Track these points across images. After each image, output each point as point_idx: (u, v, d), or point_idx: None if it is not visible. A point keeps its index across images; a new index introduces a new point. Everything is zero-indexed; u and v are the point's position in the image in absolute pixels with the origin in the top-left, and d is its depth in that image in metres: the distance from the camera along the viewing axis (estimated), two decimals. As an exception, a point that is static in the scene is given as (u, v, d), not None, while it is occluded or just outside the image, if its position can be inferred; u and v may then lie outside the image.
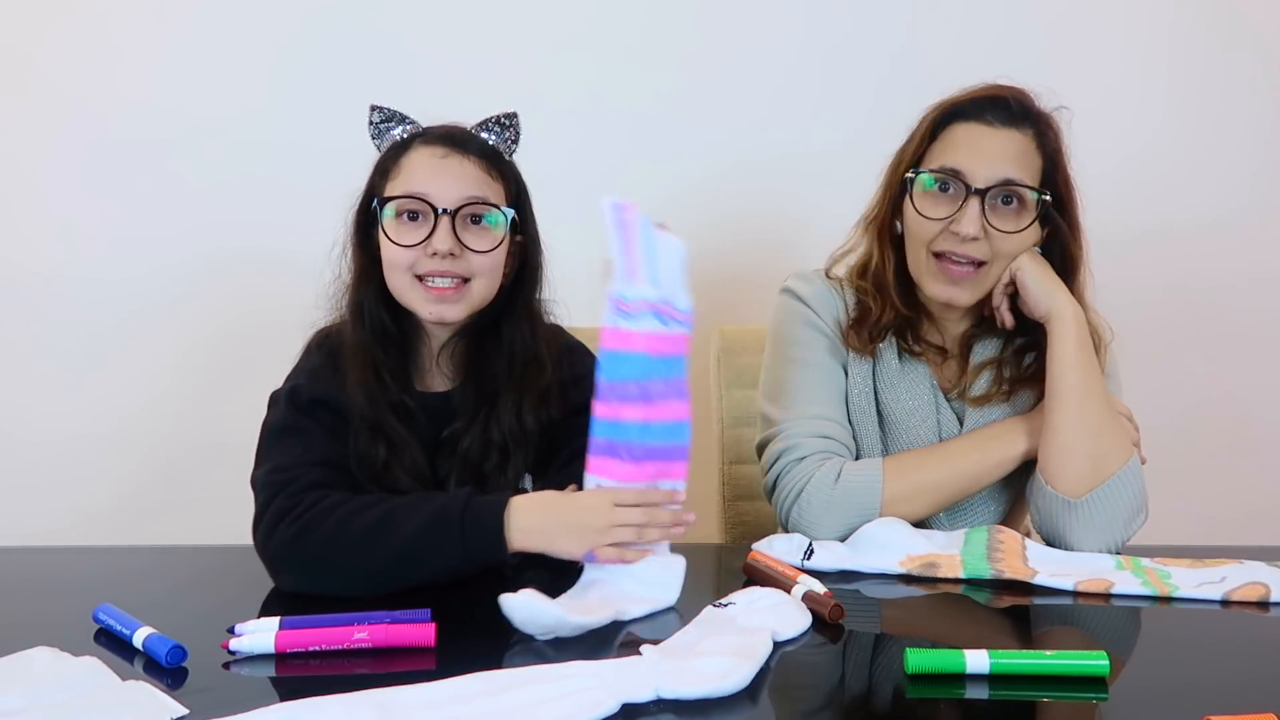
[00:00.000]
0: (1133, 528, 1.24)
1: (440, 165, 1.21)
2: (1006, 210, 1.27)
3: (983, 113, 1.28)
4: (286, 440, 1.18)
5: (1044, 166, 1.29)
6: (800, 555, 1.17)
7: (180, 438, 2.02)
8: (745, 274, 2.01)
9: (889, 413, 1.36)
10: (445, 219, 1.19)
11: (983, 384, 1.35)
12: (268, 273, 1.98)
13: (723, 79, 2.01)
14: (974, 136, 1.27)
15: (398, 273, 1.21)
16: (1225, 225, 2.08)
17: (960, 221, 1.24)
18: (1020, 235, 1.27)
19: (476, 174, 1.22)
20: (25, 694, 0.83)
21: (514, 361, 1.25)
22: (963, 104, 1.29)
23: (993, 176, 1.25)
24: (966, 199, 1.24)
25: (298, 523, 1.09)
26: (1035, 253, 1.30)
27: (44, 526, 1.94)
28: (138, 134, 1.99)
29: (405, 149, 1.23)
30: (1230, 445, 2.11)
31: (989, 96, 1.29)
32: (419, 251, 1.19)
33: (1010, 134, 1.27)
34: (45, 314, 2.02)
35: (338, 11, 1.98)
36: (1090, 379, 1.25)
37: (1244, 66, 2.05)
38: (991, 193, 1.25)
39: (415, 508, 1.09)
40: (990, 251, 1.27)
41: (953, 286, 1.29)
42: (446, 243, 1.18)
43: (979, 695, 0.86)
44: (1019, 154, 1.26)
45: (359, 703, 0.80)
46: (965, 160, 1.26)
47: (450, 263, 1.19)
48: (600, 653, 0.92)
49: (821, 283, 1.40)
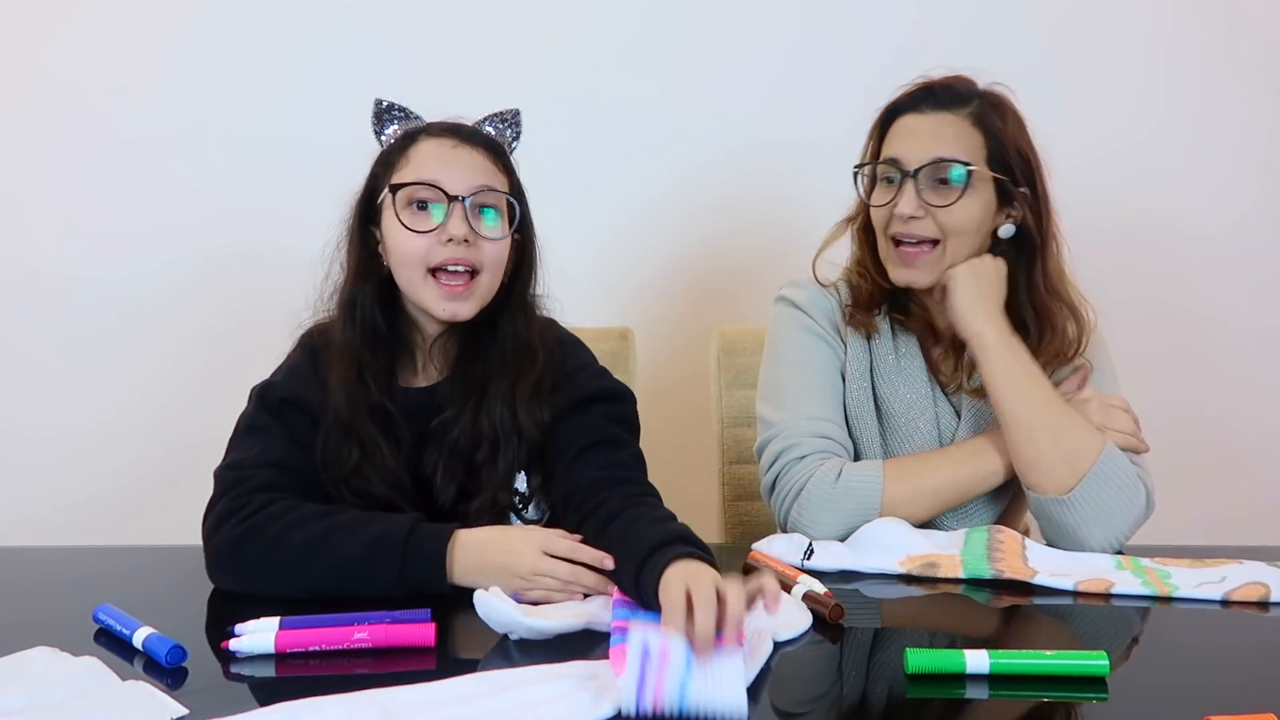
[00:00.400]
0: (1133, 513, 1.24)
1: (451, 154, 1.21)
2: (944, 188, 1.30)
3: (917, 104, 1.34)
4: (249, 437, 1.20)
5: (987, 144, 1.31)
6: (800, 555, 1.18)
7: (180, 434, 2.02)
8: (745, 274, 2.01)
9: (887, 407, 1.37)
10: (458, 204, 1.18)
11: (977, 375, 1.36)
12: (268, 269, 1.98)
13: (721, 79, 2.01)
14: (909, 126, 1.34)
15: (409, 267, 1.20)
16: (1225, 224, 2.08)
17: (899, 203, 1.30)
18: (956, 208, 1.29)
19: (484, 164, 1.23)
20: (25, 694, 0.83)
21: (505, 351, 1.24)
22: (901, 100, 1.36)
23: (924, 157, 1.30)
24: (903, 182, 1.30)
25: (241, 525, 1.10)
26: (977, 264, 1.31)
27: (41, 522, 1.95)
28: (137, 132, 1.99)
29: (412, 141, 1.23)
30: (1230, 445, 2.11)
31: (921, 88, 1.35)
32: (433, 240, 1.19)
33: (941, 116, 1.32)
34: (44, 310, 2.03)
35: (337, 10, 1.99)
36: (1030, 390, 1.26)
37: (1244, 66, 2.05)
38: (924, 172, 1.29)
39: (357, 529, 1.09)
40: (937, 228, 1.30)
41: (909, 269, 1.33)
42: (463, 228, 1.18)
43: (979, 695, 0.86)
44: (952, 134, 1.31)
45: (359, 703, 0.80)
46: (900, 148, 1.32)
47: (464, 250, 1.19)
48: (600, 653, 0.92)
49: (814, 288, 1.43)
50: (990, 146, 1.31)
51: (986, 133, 1.31)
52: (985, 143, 1.31)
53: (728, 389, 1.70)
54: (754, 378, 1.45)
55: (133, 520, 1.97)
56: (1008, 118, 1.33)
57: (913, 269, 1.33)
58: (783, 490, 1.29)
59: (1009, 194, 1.32)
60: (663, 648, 0.84)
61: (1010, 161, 1.32)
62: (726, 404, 1.70)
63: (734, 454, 1.69)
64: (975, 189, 1.30)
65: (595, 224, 2.02)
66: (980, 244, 1.34)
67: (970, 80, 1.35)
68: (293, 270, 1.25)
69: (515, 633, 0.96)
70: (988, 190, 1.31)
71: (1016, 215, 1.33)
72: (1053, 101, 1.97)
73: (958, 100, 1.32)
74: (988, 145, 1.31)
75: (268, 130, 2.00)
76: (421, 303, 1.21)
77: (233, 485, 1.14)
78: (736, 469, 1.69)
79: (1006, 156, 1.31)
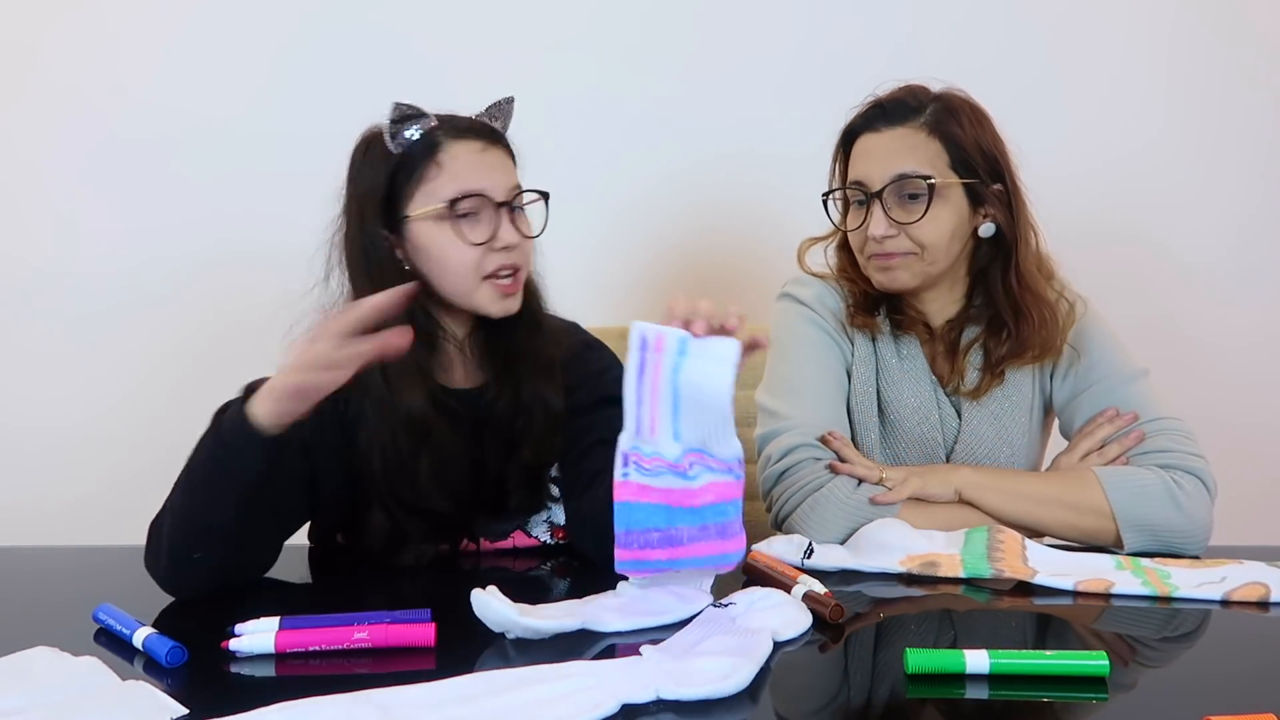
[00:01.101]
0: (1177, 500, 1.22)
1: (483, 159, 1.21)
2: (911, 203, 1.30)
3: (871, 123, 1.34)
4: None
5: (947, 149, 1.31)
6: (800, 555, 1.18)
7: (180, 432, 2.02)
8: (745, 274, 2.01)
9: (890, 409, 1.37)
10: (505, 210, 1.19)
11: (973, 376, 1.36)
12: (267, 268, 1.97)
13: (722, 79, 2.02)
14: (867, 146, 1.34)
15: (461, 277, 1.19)
16: (1226, 225, 2.08)
17: (870, 226, 1.30)
18: (925, 222, 1.29)
19: (509, 163, 1.24)
20: (25, 694, 0.83)
21: (540, 339, 1.26)
22: (855, 121, 1.36)
23: (885, 176, 1.30)
24: (869, 204, 1.30)
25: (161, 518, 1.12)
26: (910, 479, 1.27)
27: (39, 520, 1.95)
28: (137, 131, 2.00)
29: (437, 146, 1.19)
30: (1230, 445, 2.11)
31: (871, 106, 1.35)
32: (484, 249, 1.19)
33: (895, 132, 1.32)
34: (43, 307, 2.03)
35: (337, 9, 1.99)
36: (1017, 496, 1.26)
37: (1247, 72, 2.05)
38: (888, 190, 1.29)
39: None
40: (912, 244, 1.30)
41: (889, 272, 1.33)
42: (513, 234, 1.19)
43: (979, 695, 0.86)
44: (908, 148, 1.31)
45: (359, 703, 0.80)
46: (863, 169, 1.33)
47: (514, 254, 1.20)
48: (600, 653, 0.92)
49: (820, 285, 1.42)
50: (951, 152, 1.30)
51: (944, 139, 1.30)
52: (944, 149, 1.30)
53: (728, 389, 1.70)
54: (754, 378, 1.45)
55: (135, 520, 1.96)
56: (964, 119, 1.32)
57: (893, 272, 1.32)
58: (792, 488, 1.28)
59: (980, 195, 1.32)
60: (658, 335, 0.96)
61: (973, 163, 1.31)
62: (726, 404, 1.70)
63: (734, 454, 1.69)
64: (943, 198, 1.29)
65: (596, 223, 2.02)
66: (961, 248, 1.34)
67: (922, 88, 1.34)
68: (292, 268, 1.25)
69: (512, 632, 0.96)
70: (957, 195, 1.31)
71: (993, 213, 1.33)
72: (1053, 108, 1.98)
73: (909, 112, 1.32)
74: (948, 151, 1.30)
75: (267, 129, 2.00)
76: (476, 306, 1.21)
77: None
78: (736, 469, 1.69)
79: (969, 158, 1.31)
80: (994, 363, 1.35)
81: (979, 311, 1.38)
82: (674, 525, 0.99)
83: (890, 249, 1.30)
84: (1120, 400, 1.33)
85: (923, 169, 1.29)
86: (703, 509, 1.00)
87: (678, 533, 1.00)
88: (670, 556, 1.00)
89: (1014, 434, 1.37)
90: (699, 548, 1.00)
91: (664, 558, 1.00)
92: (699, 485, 1.00)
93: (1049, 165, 1.36)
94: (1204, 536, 1.24)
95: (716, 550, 1.01)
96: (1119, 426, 1.31)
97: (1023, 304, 1.33)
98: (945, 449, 1.37)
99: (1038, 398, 1.40)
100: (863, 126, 1.34)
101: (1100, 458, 1.30)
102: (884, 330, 1.39)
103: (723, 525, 1.01)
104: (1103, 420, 1.32)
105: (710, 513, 1.00)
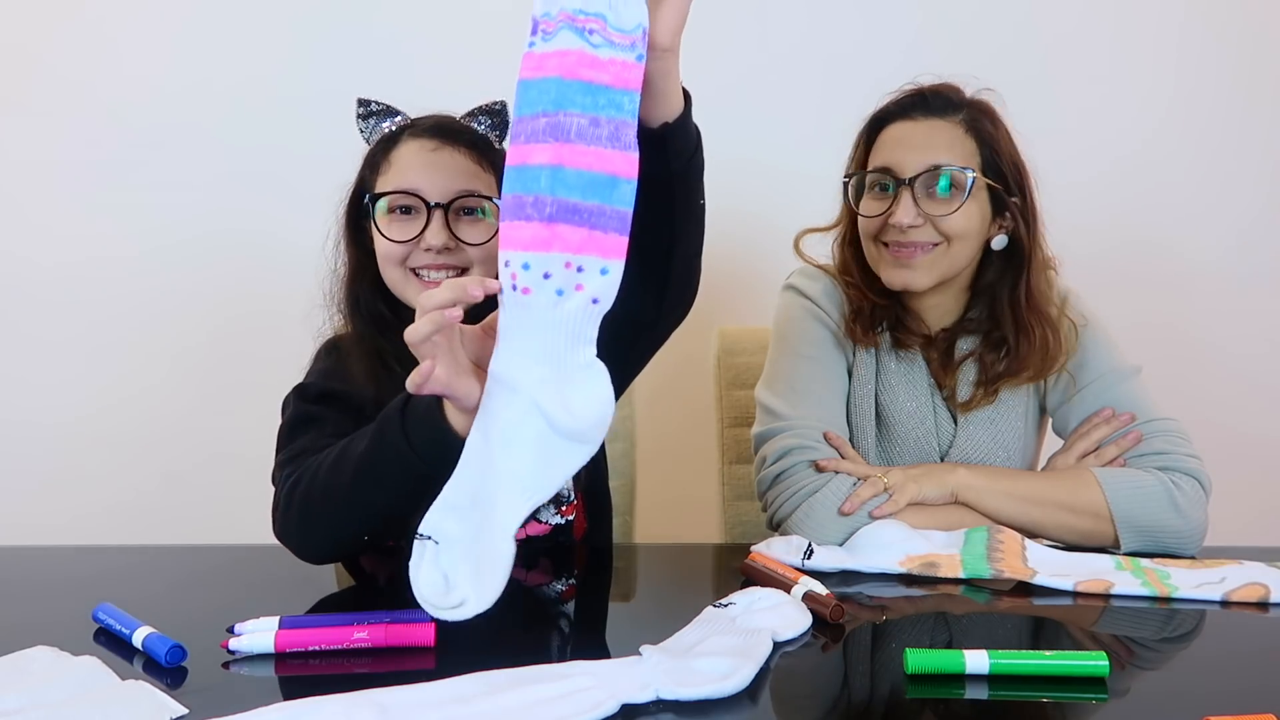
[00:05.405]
0: (1172, 499, 1.23)
1: (431, 159, 1.21)
2: (941, 197, 1.28)
3: (907, 111, 1.32)
4: (298, 431, 1.18)
5: (981, 151, 1.30)
6: (800, 556, 1.17)
7: (180, 430, 2.02)
8: (745, 274, 2.01)
9: (887, 415, 1.37)
10: (438, 213, 1.18)
11: (966, 389, 1.36)
12: (270, 268, 1.99)
13: (723, 79, 2.01)
14: (901, 133, 1.31)
15: (391, 267, 1.22)
16: (1227, 227, 2.08)
17: (896, 213, 1.28)
18: (957, 215, 1.28)
19: (467, 166, 1.22)
20: (25, 694, 0.83)
21: None
22: (889, 108, 1.34)
23: (920, 164, 1.28)
24: (899, 191, 1.27)
25: (297, 487, 1.08)
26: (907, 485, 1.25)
27: (43, 523, 1.95)
28: (137, 130, 2.00)
29: (395, 142, 1.23)
30: (1230, 446, 2.11)
31: (911, 95, 1.33)
32: (412, 246, 1.20)
33: (934, 123, 1.30)
34: (45, 308, 2.03)
35: (337, 9, 1.99)
36: (1014, 497, 1.25)
37: (1248, 68, 2.05)
38: (921, 179, 1.27)
39: (364, 430, 1.04)
40: (938, 234, 1.29)
41: (904, 269, 1.31)
42: (440, 238, 1.18)
43: (979, 695, 0.86)
44: (946, 141, 1.29)
45: (359, 703, 0.80)
46: (893, 156, 1.30)
47: (446, 256, 1.19)
48: (600, 653, 0.92)
49: (827, 280, 1.41)
50: (984, 154, 1.30)
51: (980, 140, 1.30)
52: (979, 149, 1.30)
53: (728, 389, 1.70)
54: (754, 378, 1.45)
55: (137, 521, 1.97)
56: (999, 126, 1.32)
57: (909, 269, 1.30)
58: (790, 488, 1.28)
59: (1002, 203, 1.31)
60: None
61: (1003, 169, 1.30)
62: (726, 404, 1.70)
63: (734, 454, 1.69)
64: (974, 196, 1.29)
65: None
66: (976, 252, 1.33)
67: (958, 88, 1.34)
68: (296, 267, 1.26)
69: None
70: (984, 198, 1.30)
71: (1009, 226, 1.32)
72: (1053, 110, 1.98)
73: (950, 107, 1.31)
74: (981, 153, 1.30)
75: (267, 128, 2.00)
76: (406, 300, 1.23)
77: (294, 470, 1.10)
78: (736, 469, 1.69)
79: (1000, 165, 1.30)
80: (989, 379, 1.35)
81: (975, 324, 1.37)
82: (562, 109, 0.83)
83: (913, 238, 1.29)
84: (1115, 400, 1.33)
85: (958, 163, 1.28)
86: (600, 90, 0.83)
87: (565, 121, 0.83)
88: (554, 160, 0.83)
89: (1009, 439, 1.37)
90: (591, 154, 0.84)
91: (546, 160, 0.83)
92: (605, 58, 0.84)
93: (1049, 165, 1.36)
94: (1200, 537, 1.24)
95: (613, 166, 0.84)
96: (1115, 427, 1.31)
97: (1028, 322, 1.32)
98: (940, 454, 1.37)
99: (1033, 400, 1.40)
100: (898, 114, 1.33)
101: (1098, 459, 1.30)
102: (884, 337, 1.39)
103: (616, 125, 0.84)
104: (1099, 421, 1.32)
105: (604, 100, 0.84)
